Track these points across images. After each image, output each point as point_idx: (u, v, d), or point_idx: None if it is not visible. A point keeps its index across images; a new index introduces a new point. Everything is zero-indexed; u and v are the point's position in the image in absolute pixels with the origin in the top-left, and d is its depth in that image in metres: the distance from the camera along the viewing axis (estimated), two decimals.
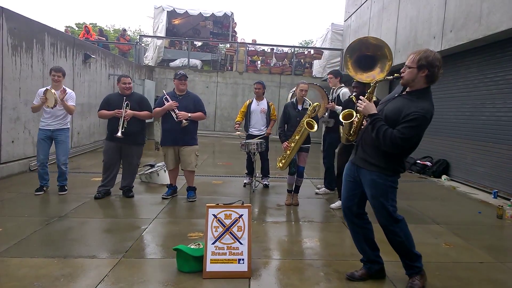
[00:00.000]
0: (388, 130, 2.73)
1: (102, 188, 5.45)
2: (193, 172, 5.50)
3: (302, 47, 21.14)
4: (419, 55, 2.75)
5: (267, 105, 6.58)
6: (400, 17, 9.81)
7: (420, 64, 2.72)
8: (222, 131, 15.26)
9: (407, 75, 2.80)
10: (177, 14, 18.19)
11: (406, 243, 2.98)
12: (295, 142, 5.23)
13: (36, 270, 3.09)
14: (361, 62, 5.06)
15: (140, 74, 13.89)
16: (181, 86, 5.38)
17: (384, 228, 3.00)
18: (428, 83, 2.79)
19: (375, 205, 2.96)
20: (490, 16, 6.23)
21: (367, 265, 3.17)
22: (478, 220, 5.22)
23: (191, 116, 5.26)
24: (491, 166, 6.83)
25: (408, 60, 2.82)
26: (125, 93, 5.41)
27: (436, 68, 2.73)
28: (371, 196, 2.96)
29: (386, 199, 2.91)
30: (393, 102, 2.90)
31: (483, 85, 7.11)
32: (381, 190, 2.90)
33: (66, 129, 5.59)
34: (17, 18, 6.76)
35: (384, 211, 2.93)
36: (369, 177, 2.93)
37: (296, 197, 5.54)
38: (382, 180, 2.89)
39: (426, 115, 2.70)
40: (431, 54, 2.75)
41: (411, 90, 2.86)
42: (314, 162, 9.43)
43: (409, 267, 3.04)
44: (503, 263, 3.67)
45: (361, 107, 2.92)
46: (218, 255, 3.14)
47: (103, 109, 5.39)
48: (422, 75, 2.74)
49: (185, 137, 5.29)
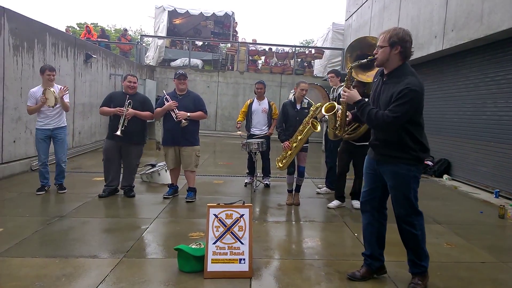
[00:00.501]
0: (379, 112, 2.77)
1: (107, 187, 5.47)
2: (193, 173, 5.47)
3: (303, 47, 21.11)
4: (389, 33, 2.78)
5: (269, 104, 6.58)
6: (401, 17, 9.80)
7: (392, 41, 2.75)
8: (223, 130, 15.25)
9: (380, 55, 2.82)
10: (178, 13, 18.19)
11: (420, 238, 2.95)
12: (297, 142, 5.20)
13: (37, 270, 3.10)
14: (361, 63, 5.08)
15: (141, 74, 13.90)
16: (180, 85, 5.36)
17: (402, 219, 2.94)
18: (402, 59, 2.81)
19: (397, 196, 2.92)
20: (491, 16, 6.21)
21: (368, 261, 3.14)
22: (479, 220, 5.21)
23: (190, 115, 5.22)
24: (492, 166, 6.82)
25: (380, 40, 2.83)
26: (129, 92, 5.40)
27: (407, 43, 2.76)
28: (393, 187, 2.92)
29: (409, 190, 2.88)
30: (383, 92, 2.89)
31: (484, 84, 7.10)
32: (403, 180, 2.86)
33: (64, 127, 5.61)
34: (19, 18, 6.77)
35: (406, 201, 2.89)
36: (390, 168, 2.89)
37: (298, 196, 5.53)
38: (404, 170, 2.85)
39: (414, 88, 2.69)
40: (400, 30, 2.79)
41: (389, 71, 2.86)
42: (314, 162, 9.42)
43: (414, 265, 3.00)
44: (504, 263, 3.67)
45: (344, 97, 2.95)
46: (219, 255, 3.14)
47: (105, 105, 5.40)
48: (395, 52, 2.76)
49: (185, 137, 5.26)
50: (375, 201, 3.08)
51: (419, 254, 2.97)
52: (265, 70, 15.90)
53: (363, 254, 3.19)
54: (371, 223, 3.11)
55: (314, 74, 16.30)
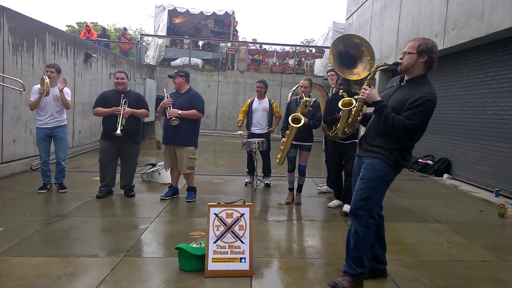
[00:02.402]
0: (396, 117, 2.74)
1: (103, 188, 5.45)
2: (188, 174, 5.32)
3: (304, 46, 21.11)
4: (418, 42, 2.81)
5: (269, 103, 6.57)
6: (402, 16, 9.79)
7: (421, 50, 2.77)
8: (223, 130, 15.25)
9: (406, 60, 2.83)
10: (178, 13, 18.18)
11: (361, 243, 2.85)
12: (286, 137, 5.22)
13: (38, 269, 3.10)
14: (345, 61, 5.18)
15: (141, 73, 13.89)
16: (174, 84, 5.28)
17: (353, 214, 2.89)
18: (426, 69, 2.83)
19: (361, 187, 2.87)
20: (492, 15, 6.21)
21: (371, 263, 3.09)
22: (479, 218, 5.21)
23: (182, 113, 5.06)
24: (492, 165, 6.82)
25: (407, 47, 2.85)
26: (118, 88, 5.33)
27: (434, 54, 2.79)
28: (361, 177, 2.89)
29: (375, 186, 2.84)
30: (396, 93, 2.90)
31: (485, 83, 7.10)
32: (375, 175, 2.83)
33: (64, 125, 5.58)
34: (18, 17, 6.76)
35: (366, 195, 2.84)
36: (368, 161, 2.89)
37: (299, 196, 5.53)
38: (380, 166, 2.83)
39: (432, 99, 2.71)
40: (430, 41, 2.82)
41: (410, 77, 2.87)
42: (315, 161, 9.42)
43: (348, 266, 2.91)
44: (504, 262, 3.67)
45: (364, 95, 2.90)
46: (219, 254, 3.14)
47: (98, 106, 5.32)
48: (422, 60, 2.79)
49: (178, 136, 5.15)
50: None
51: (356, 258, 2.87)
52: (265, 70, 15.89)
53: None
54: None
55: (315, 73, 16.29)
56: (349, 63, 5.15)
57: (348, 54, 5.17)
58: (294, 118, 5.07)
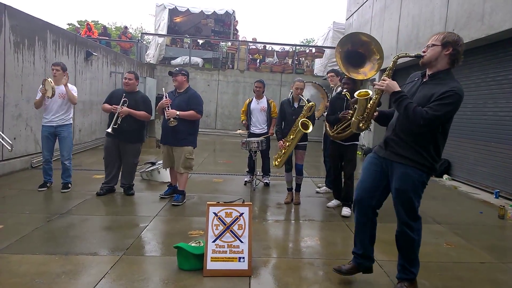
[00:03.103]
0: (418, 107, 2.60)
1: (104, 185, 5.46)
2: (182, 175, 5.17)
3: (304, 46, 21.11)
4: (443, 34, 2.69)
5: (267, 103, 6.57)
6: (402, 16, 9.79)
7: (446, 41, 2.64)
8: (223, 129, 15.25)
9: (430, 52, 2.70)
10: (179, 12, 18.18)
11: (416, 244, 2.87)
12: (289, 141, 5.21)
13: (37, 267, 3.10)
14: (351, 59, 5.09)
15: (141, 72, 13.89)
16: (173, 83, 5.22)
17: (402, 224, 2.85)
18: (451, 63, 2.70)
19: (402, 199, 2.81)
20: (493, 16, 6.21)
21: (359, 259, 3.03)
22: (479, 220, 5.21)
23: (180, 114, 4.98)
24: (492, 166, 6.82)
25: (432, 40, 2.73)
26: (125, 88, 5.39)
27: (460, 47, 2.66)
28: (400, 189, 2.80)
29: (415, 195, 2.80)
30: (419, 90, 2.77)
31: (485, 84, 7.09)
32: (413, 184, 2.77)
33: (69, 124, 5.58)
34: (20, 15, 6.76)
35: (409, 206, 2.80)
36: (403, 170, 2.77)
37: (298, 195, 5.53)
38: (417, 175, 2.75)
39: (459, 93, 2.57)
40: (455, 34, 2.70)
41: (434, 71, 2.73)
42: (314, 161, 9.42)
43: (404, 270, 2.90)
44: (504, 264, 3.67)
45: (383, 85, 2.75)
46: (218, 253, 3.14)
47: (106, 102, 5.43)
48: (446, 53, 2.66)
49: (175, 137, 5.07)
50: (373, 200, 2.95)
51: (412, 260, 2.89)
52: (265, 69, 15.89)
53: (354, 252, 3.08)
54: (364, 223, 3.00)
55: (315, 73, 16.30)
56: (356, 62, 5.06)
57: (357, 52, 5.06)
58: (303, 123, 5.04)
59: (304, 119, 5.09)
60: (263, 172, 6.68)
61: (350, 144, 5.08)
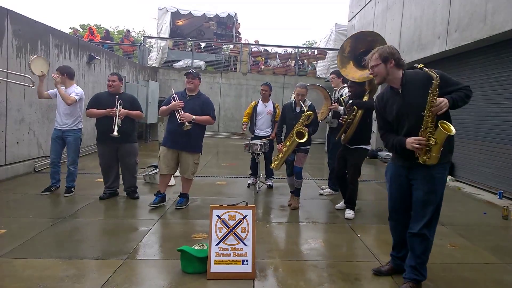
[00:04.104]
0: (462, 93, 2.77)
1: (107, 189, 5.47)
2: (189, 180, 5.17)
3: (306, 48, 21.12)
4: (375, 53, 2.90)
5: (273, 106, 6.55)
6: (404, 17, 9.78)
7: (384, 57, 2.85)
8: (226, 132, 15.26)
9: (378, 71, 2.90)
10: (181, 15, 18.26)
11: (430, 245, 2.95)
12: (286, 147, 5.19)
13: (41, 271, 3.11)
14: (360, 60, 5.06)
15: (144, 75, 13.93)
16: (188, 84, 5.04)
17: (425, 224, 2.87)
18: (400, 69, 2.89)
19: (429, 200, 2.85)
20: (495, 16, 6.19)
21: (397, 261, 3.21)
22: (483, 221, 5.19)
23: (196, 119, 4.88)
24: (496, 167, 6.79)
25: (372, 62, 2.92)
26: (110, 90, 5.34)
27: (396, 53, 2.87)
28: (426, 191, 2.85)
29: (441, 194, 2.89)
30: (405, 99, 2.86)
31: (488, 85, 7.07)
32: (438, 184, 2.86)
33: (76, 130, 5.55)
34: (22, 20, 6.79)
35: (435, 206, 2.87)
36: (426, 172, 2.86)
37: (297, 200, 5.40)
38: (440, 174, 2.87)
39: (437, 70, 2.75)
40: (386, 46, 2.93)
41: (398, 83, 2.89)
42: (317, 163, 9.40)
43: (414, 271, 2.93)
44: (508, 264, 3.65)
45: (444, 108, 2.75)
46: (222, 256, 3.14)
47: (92, 107, 5.32)
48: (391, 65, 2.85)
49: (187, 141, 4.93)
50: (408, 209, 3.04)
51: (423, 262, 2.95)
52: (267, 71, 15.91)
53: (392, 254, 3.26)
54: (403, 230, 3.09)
55: (317, 75, 16.31)
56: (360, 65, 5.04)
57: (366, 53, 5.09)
58: (298, 132, 4.98)
59: (300, 128, 4.99)
60: (266, 175, 6.67)
61: (356, 147, 5.03)
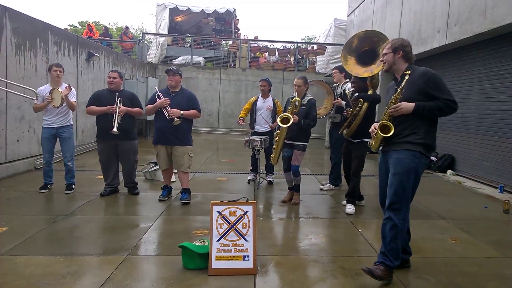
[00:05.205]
0: (437, 103, 2.90)
1: (108, 186, 5.47)
2: (186, 174, 5.24)
3: (305, 43, 21.05)
4: (389, 43, 3.19)
5: (273, 102, 6.52)
6: (404, 11, 9.75)
7: (394, 48, 3.11)
8: (225, 128, 15.24)
9: (387, 59, 3.16)
10: (180, 11, 18.16)
11: (399, 235, 2.97)
12: (278, 137, 5.13)
13: (43, 268, 3.11)
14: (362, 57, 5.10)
15: (143, 71, 13.90)
16: (169, 81, 5.13)
17: (390, 208, 2.97)
18: (406, 62, 3.12)
19: (392, 182, 2.97)
20: (495, 10, 6.17)
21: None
22: (484, 215, 5.19)
23: (184, 114, 5.01)
24: (497, 161, 6.79)
25: (384, 50, 3.20)
26: (110, 87, 5.34)
27: (407, 47, 3.11)
28: (393, 173, 2.98)
29: (407, 179, 2.94)
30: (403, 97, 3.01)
31: (488, 79, 7.06)
32: (404, 168, 2.93)
33: (70, 125, 5.59)
34: (21, 17, 6.77)
35: (401, 189, 2.93)
36: (395, 156, 3.00)
37: (297, 195, 5.40)
38: (408, 160, 2.94)
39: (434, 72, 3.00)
40: (400, 39, 3.19)
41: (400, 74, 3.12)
42: (318, 158, 9.40)
43: (383, 256, 2.99)
44: (509, 258, 3.65)
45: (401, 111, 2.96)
46: (223, 252, 3.14)
47: (92, 105, 5.32)
48: (399, 56, 3.10)
49: (177, 136, 5.04)
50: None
51: (392, 249, 2.96)
52: (267, 67, 15.86)
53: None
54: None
55: (317, 71, 16.26)
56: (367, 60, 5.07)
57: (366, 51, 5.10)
58: (283, 118, 4.94)
59: (285, 114, 4.91)
60: (266, 170, 6.66)
61: (359, 141, 5.02)
